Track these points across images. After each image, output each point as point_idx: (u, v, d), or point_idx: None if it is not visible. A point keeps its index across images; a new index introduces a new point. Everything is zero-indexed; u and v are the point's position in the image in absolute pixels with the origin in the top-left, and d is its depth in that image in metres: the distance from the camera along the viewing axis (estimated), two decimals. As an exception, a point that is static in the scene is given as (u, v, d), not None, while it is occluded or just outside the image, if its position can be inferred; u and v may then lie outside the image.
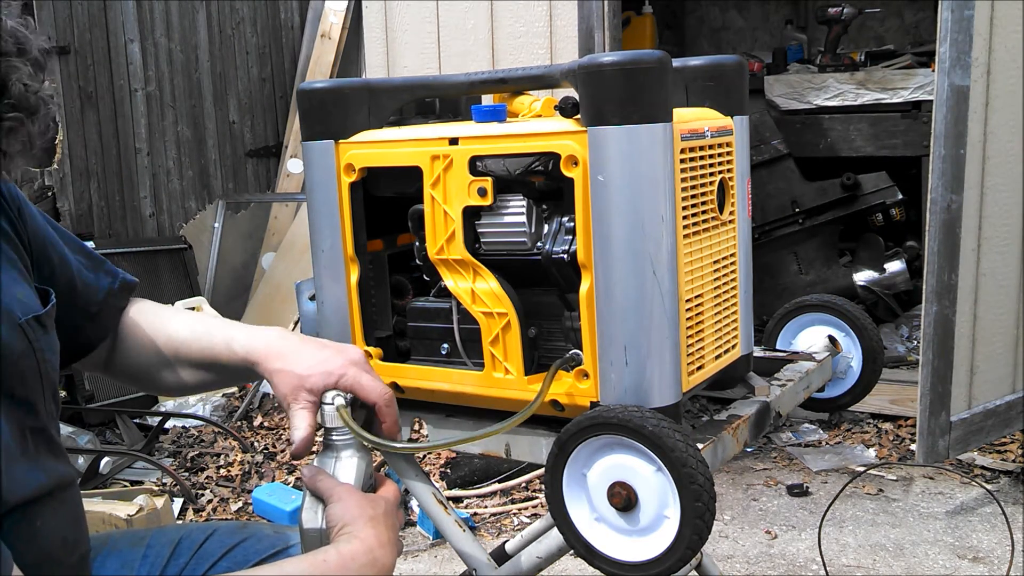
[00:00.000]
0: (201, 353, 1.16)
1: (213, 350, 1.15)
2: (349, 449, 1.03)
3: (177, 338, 1.18)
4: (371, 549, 0.96)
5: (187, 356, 1.17)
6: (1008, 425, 2.93)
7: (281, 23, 4.89)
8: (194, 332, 1.17)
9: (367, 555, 0.95)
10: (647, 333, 1.07)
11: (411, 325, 1.27)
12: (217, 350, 1.15)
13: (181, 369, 1.18)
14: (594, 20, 3.25)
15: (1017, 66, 2.70)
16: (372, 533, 0.97)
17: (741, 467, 3.23)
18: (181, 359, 1.18)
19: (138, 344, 1.19)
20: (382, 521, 0.99)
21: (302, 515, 1.00)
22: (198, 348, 1.16)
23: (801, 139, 4.19)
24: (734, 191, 1.24)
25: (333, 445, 1.03)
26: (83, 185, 4.16)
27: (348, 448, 1.03)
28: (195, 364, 1.17)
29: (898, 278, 4.15)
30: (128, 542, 1.18)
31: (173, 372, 1.19)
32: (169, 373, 1.19)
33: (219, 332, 1.16)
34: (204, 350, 1.16)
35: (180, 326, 1.19)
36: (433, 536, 2.78)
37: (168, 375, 1.19)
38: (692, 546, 0.99)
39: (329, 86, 1.26)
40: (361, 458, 1.03)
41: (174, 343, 1.18)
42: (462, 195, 1.15)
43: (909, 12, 5.27)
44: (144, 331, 1.19)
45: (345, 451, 1.03)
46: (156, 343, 1.19)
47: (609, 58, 1.04)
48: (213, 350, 1.15)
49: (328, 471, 1.02)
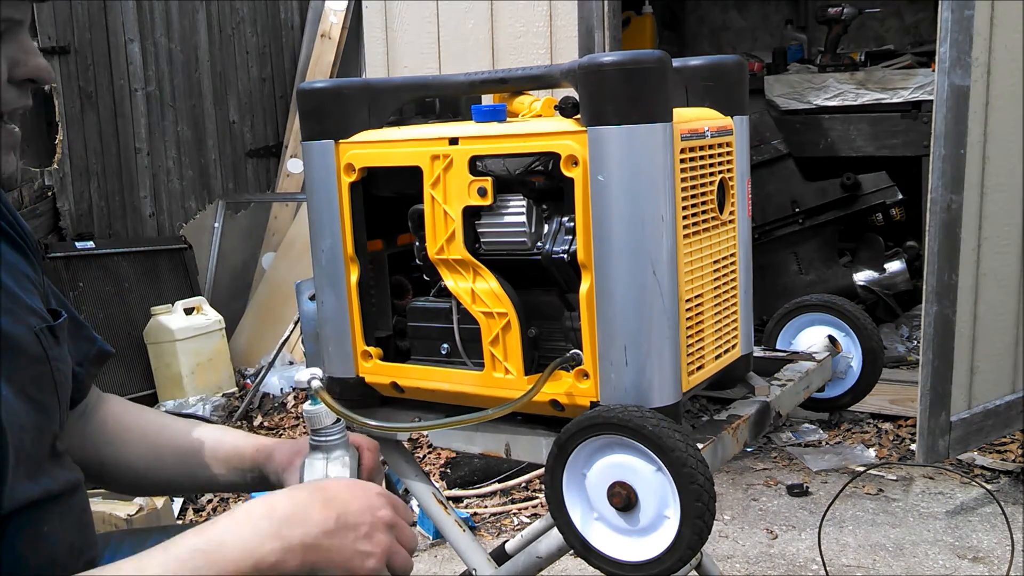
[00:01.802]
0: (225, 455, 1.17)
1: (237, 450, 1.17)
2: (338, 449, 1.03)
3: (204, 437, 1.19)
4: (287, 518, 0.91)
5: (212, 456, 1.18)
6: (1008, 425, 2.93)
7: (281, 23, 4.89)
8: (189, 423, 1.20)
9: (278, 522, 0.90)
10: (647, 333, 1.07)
11: (411, 325, 1.27)
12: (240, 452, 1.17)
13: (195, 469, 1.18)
14: (594, 20, 3.25)
15: (1017, 66, 2.70)
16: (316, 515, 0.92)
17: (741, 467, 3.23)
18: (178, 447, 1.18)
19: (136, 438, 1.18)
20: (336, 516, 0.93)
21: None
22: (223, 452, 1.17)
23: (801, 139, 4.19)
24: (734, 191, 1.24)
25: (321, 446, 1.03)
26: (83, 185, 4.16)
27: (336, 448, 1.04)
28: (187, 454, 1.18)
29: (898, 278, 4.15)
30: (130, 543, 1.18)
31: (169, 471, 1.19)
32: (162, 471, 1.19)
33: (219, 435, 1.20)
34: (229, 452, 1.17)
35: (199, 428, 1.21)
36: (433, 536, 2.78)
37: (161, 473, 1.19)
38: (692, 546, 0.99)
39: (329, 86, 1.26)
40: (351, 456, 1.04)
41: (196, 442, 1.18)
42: (462, 195, 1.15)
43: (909, 12, 5.27)
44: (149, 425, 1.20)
45: (334, 451, 1.03)
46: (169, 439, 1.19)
47: (609, 58, 1.04)
48: (237, 450, 1.17)
49: (320, 472, 1.02)
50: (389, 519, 0.97)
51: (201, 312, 4.03)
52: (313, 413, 1.02)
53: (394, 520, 0.98)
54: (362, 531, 0.94)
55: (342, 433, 1.04)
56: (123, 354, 3.92)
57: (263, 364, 3.97)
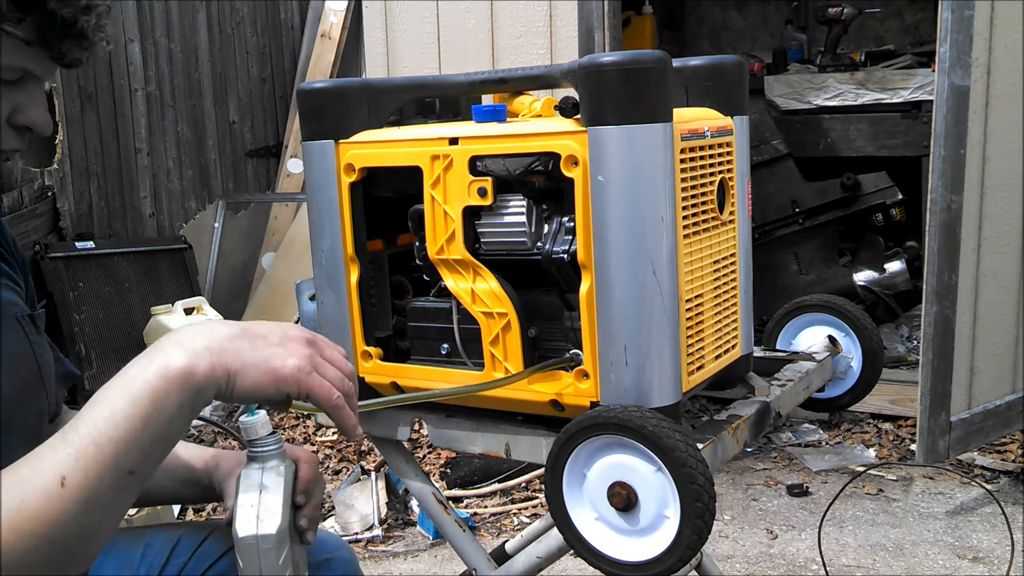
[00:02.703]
0: (180, 468, 1.18)
1: (190, 463, 1.18)
2: (273, 459, 1.04)
3: None
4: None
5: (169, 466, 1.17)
6: (1008, 425, 2.93)
7: (281, 23, 4.89)
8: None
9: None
10: (647, 333, 1.07)
11: (411, 325, 1.27)
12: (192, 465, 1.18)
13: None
14: (594, 20, 3.25)
15: (1017, 66, 2.70)
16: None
17: (741, 467, 3.23)
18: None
19: None
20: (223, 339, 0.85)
21: (236, 524, 1.00)
22: (177, 464, 1.18)
23: (801, 139, 4.19)
24: (734, 191, 1.24)
25: (257, 456, 1.04)
26: (83, 185, 4.16)
27: (272, 458, 1.04)
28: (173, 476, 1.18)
29: (898, 278, 4.15)
30: (127, 541, 1.18)
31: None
32: None
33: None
34: (183, 466, 1.17)
35: None
36: (433, 536, 2.78)
37: None
38: (692, 546, 0.99)
39: (329, 86, 1.26)
40: (287, 466, 1.04)
41: None
42: (462, 195, 1.15)
43: (909, 12, 5.27)
44: None
45: (269, 460, 1.04)
46: None
47: (609, 58, 1.04)
48: (190, 463, 1.18)
49: (255, 480, 1.03)
50: (306, 336, 0.91)
51: (201, 312, 4.03)
52: (248, 424, 1.03)
53: (312, 338, 0.91)
54: (273, 339, 0.88)
55: (278, 444, 1.05)
56: (123, 354, 3.91)
57: (263, 364, 3.96)
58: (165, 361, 0.81)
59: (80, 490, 0.74)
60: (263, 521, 0.99)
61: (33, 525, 0.73)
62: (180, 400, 0.81)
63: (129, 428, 0.77)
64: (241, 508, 1.01)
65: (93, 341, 3.81)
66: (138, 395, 0.79)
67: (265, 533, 0.99)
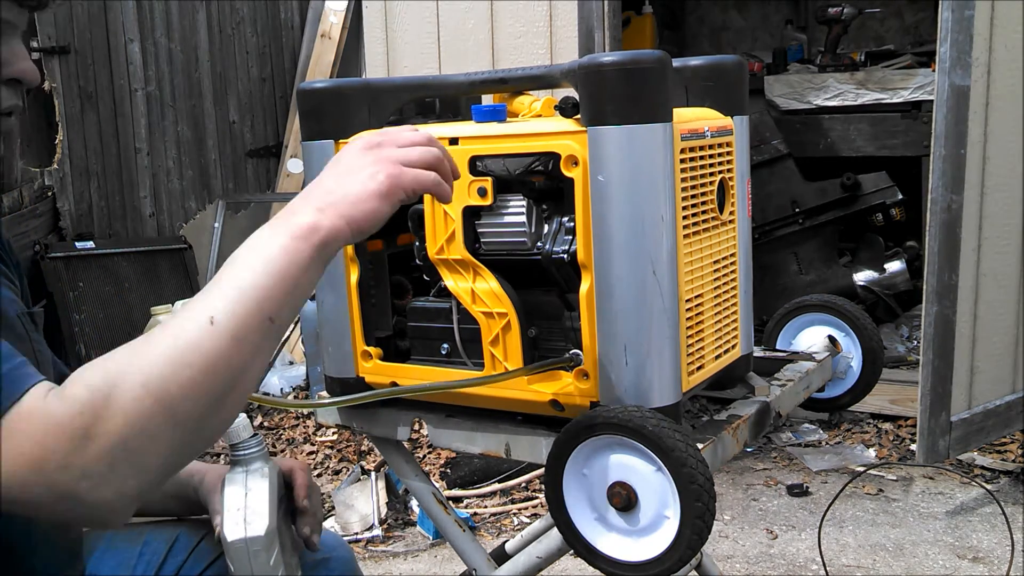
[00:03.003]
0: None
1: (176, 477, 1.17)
2: (257, 461, 1.04)
3: None
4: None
5: None
6: (1008, 425, 2.93)
7: (281, 23, 4.89)
8: None
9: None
10: (647, 333, 1.07)
11: (411, 325, 1.27)
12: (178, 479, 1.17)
13: None
14: (594, 20, 3.25)
15: (1017, 66, 2.70)
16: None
17: (741, 467, 3.23)
18: None
19: None
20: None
21: (224, 528, 1.01)
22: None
23: (801, 139, 4.19)
24: (734, 191, 1.24)
25: (240, 459, 1.04)
26: (83, 185, 4.16)
27: (255, 460, 1.04)
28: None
29: (898, 278, 4.15)
30: (125, 539, 1.18)
31: None
32: None
33: None
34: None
35: None
36: (433, 536, 2.78)
37: None
38: (692, 546, 0.99)
39: (329, 86, 1.26)
40: (270, 468, 1.05)
41: None
42: (462, 195, 1.15)
43: (909, 12, 5.27)
44: None
45: (253, 463, 1.04)
46: None
47: (609, 58, 1.04)
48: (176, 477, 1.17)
49: (239, 483, 1.03)
50: (372, 143, 0.94)
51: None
52: (230, 428, 1.03)
53: (377, 141, 0.94)
54: (356, 168, 0.92)
55: (260, 446, 1.05)
56: (123, 354, 3.91)
57: (263, 364, 3.97)
58: (293, 221, 0.87)
59: (228, 328, 0.80)
60: (250, 524, 1.00)
61: (191, 356, 0.78)
62: (311, 255, 0.86)
63: (267, 280, 0.83)
64: (228, 512, 1.01)
65: (93, 341, 3.80)
66: (272, 253, 0.85)
67: (254, 535, 0.99)
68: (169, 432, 0.77)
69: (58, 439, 0.73)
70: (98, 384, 0.75)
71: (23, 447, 0.73)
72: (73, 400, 0.74)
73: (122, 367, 0.77)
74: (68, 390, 0.76)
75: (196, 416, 0.78)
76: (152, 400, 0.76)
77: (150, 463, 0.77)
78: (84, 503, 0.75)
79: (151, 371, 0.77)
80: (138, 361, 0.77)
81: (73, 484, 0.74)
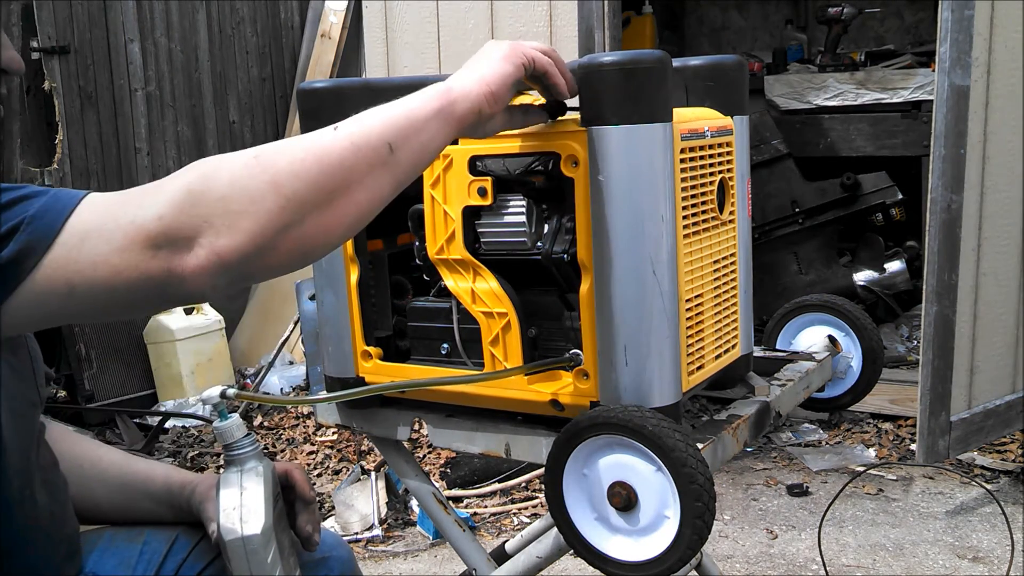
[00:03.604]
0: (135, 477, 1.19)
1: (149, 474, 1.19)
2: (251, 460, 1.04)
3: (109, 459, 1.20)
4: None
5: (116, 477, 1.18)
6: (1008, 425, 2.93)
7: (281, 23, 4.89)
8: (125, 457, 1.21)
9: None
10: (647, 333, 1.07)
11: (411, 325, 1.27)
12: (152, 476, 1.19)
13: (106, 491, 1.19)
14: (594, 20, 3.25)
15: (1017, 66, 2.70)
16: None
17: (741, 467, 3.23)
18: (109, 479, 1.19)
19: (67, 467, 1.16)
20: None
21: (221, 528, 1.00)
22: (155, 488, 1.19)
23: (801, 139, 4.19)
24: (734, 191, 1.24)
25: (234, 459, 1.04)
26: (83, 185, 4.15)
27: (250, 459, 1.04)
28: (120, 488, 1.19)
29: (898, 278, 4.15)
30: (125, 538, 1.18)
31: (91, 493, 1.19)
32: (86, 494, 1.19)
33: (146, 464, 1.22)
34: (160, 487, 1.18)
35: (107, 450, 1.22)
36: (433, 536, 2.78)
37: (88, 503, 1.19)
38: (692, 546, 0.99)
39: (329, 86, 1.26)
40: (265, 466, 1.05)
41: (105, 462, 1.19)
42: (462, 195, 1.15)
43: (909, 12, 5.27)
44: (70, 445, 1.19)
45: (248, 462, 1.04)
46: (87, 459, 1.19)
47: (609, 58, 1.04)
48: (149, 474, 1.19)
49: (234, 483, 1.03)
50: (503, 43, 1.02)
51: (201, 312, 4.03)
52: (223, 428, 1.04)
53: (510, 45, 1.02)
54: (488, 52, 1.00)
55: (254, 445, 1.06)
56: (123, 354, 3.92)
57: (263, 364, 3.97)
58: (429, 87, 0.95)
59: (348, 133, 0.85)
60: (247, 522, 1.00)
61: (306, 144, 0.84)
62: (439, 105, 0.92)
63: (392, 111, 0.90)
64: (224, 512, 1.01)
65: (93, 341, 3.81)
66: (403, 99, 0.92)
67: (250, 534, 0.99)
68: (271, 200, 0.79)
69: (163, 192, 0.78)
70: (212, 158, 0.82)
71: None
72: (185, 169, 0.81)
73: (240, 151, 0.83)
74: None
75: (301, 198, 0.80)
76: (259, 167, 0.80)
77: (245, 225, 0.78)
78: (177, 259, 0.77)
79: (264, 148, 0.82)
80: (257, 146, 0.83)
81: (174, 234, 0.76)
